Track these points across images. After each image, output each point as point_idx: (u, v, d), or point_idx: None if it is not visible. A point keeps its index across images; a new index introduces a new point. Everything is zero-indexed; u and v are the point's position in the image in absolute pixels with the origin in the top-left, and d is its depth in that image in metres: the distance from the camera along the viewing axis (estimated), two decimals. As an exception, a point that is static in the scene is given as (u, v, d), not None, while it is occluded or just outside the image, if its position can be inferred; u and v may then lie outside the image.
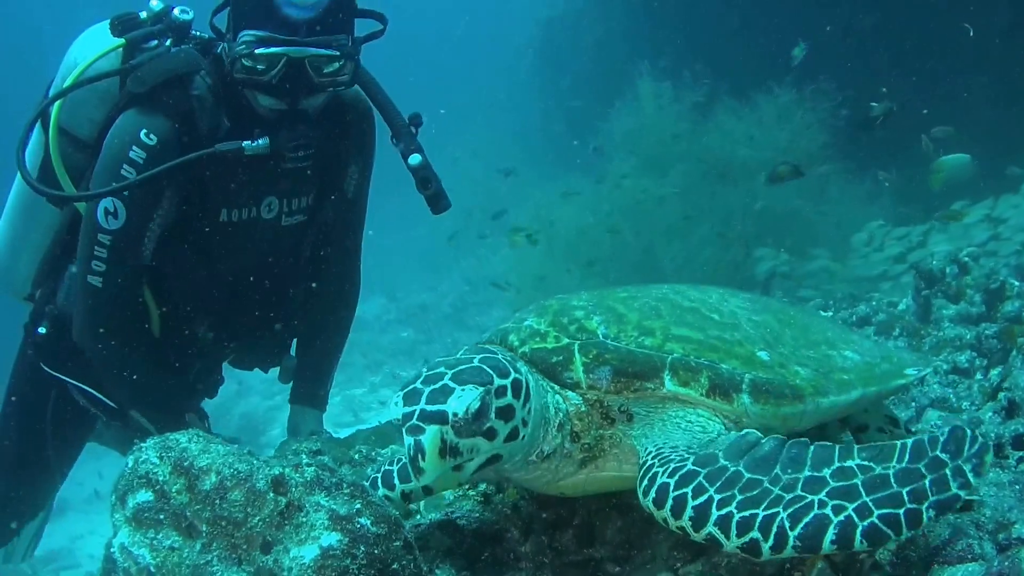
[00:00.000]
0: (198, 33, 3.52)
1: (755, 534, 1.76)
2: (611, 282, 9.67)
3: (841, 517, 1.72)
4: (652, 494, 1.91)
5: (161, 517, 1.74)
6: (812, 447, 1.88)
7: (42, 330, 3.71)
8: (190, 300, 3.65)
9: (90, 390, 3.72)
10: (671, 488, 1.88)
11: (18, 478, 4.03)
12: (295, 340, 4.18)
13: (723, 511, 1.80)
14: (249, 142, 3.22)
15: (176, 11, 3.45)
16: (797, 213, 9.47)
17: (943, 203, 8.23)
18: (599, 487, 2.28)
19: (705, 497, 1.83)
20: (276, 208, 3.59)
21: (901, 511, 1.71)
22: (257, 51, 3.10)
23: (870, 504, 1.72)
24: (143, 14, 3.48)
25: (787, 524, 1.74)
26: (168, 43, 3.42)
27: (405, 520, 2.11)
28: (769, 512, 1.77)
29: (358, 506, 1.78)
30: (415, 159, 3.46)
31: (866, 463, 1.81)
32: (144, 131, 3.24)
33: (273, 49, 3.09)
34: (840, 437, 2.71)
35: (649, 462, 2.00)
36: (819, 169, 9.36)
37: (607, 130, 12.00)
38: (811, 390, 2.19)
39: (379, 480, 2.53)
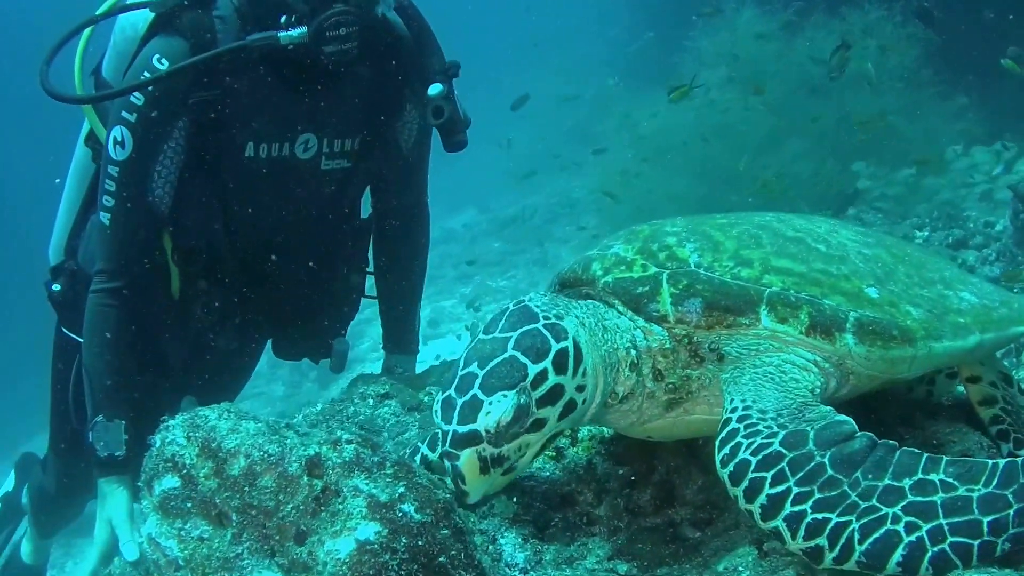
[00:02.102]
0: None
1: (822, 541, 1.59)
2: (703, 198, 9.46)
3: (912, 538, 1.54)
4: (730, 467, 1.74)
5: (189, 505, 1.59)
6: (899, 452, 1.67)
7: (56, 287, 3.53)
8: (215, 258, 3.34)
9: None
10: (751, 468, 1.71)
11: (67, 455, 3.89)
12: (347, 320, 3.87)
13: (797, 508, 1.63)
14: (284, 32, 2.93)
15: None
16: (890, 129, 8.94)
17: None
18: (688, 431, 2.11)
19: (783, 488, 1.66)
20: (314, 147, 3.28)
21: (976, 542, 1.51)
22: None
23: (945, 528, 1.53)
24: None
25: (856, 536, 1.56)
26: None
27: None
28: (842, 520, 1.59)
29: (401, 490, 1.60)
30: (435, 88, 3.18)
31: (950, 480, 1.60)
32: (157, 56, 2.99)
33: None
34: (952, 388, 2.45)
35: (734, 425, 1.81)
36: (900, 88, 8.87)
37: (696, 48, 11.62)
38: (923, 333, 1.94)
39: (424, 447, 2.39)
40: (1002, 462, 1.59)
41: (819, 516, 1.61)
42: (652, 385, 2.02)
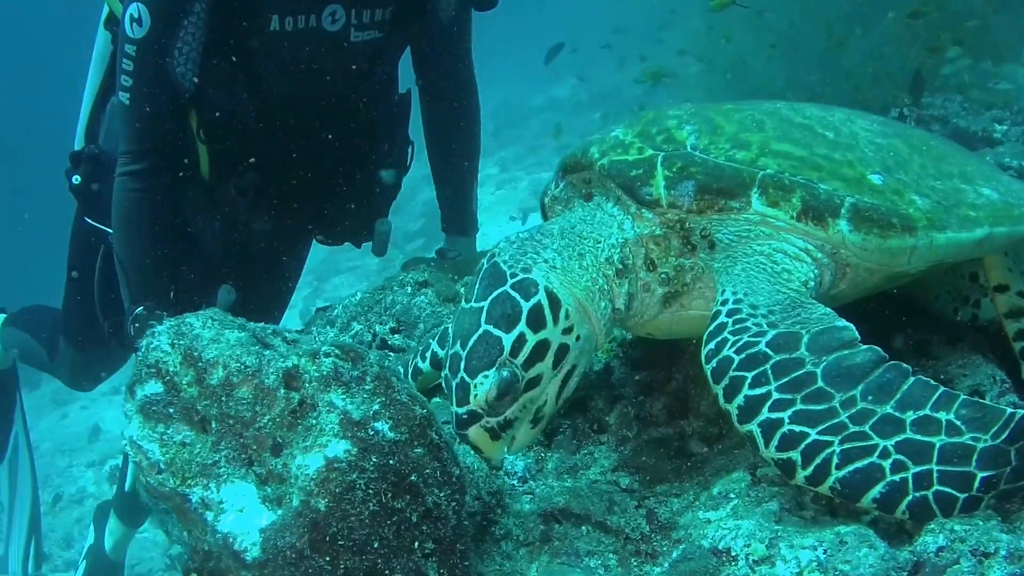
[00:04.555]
0: None
1: (795, 455, 1.53)
2: (787, 80, 9.06)
3: (895, 478, 1.46)
4: (713, 364, 1.69)
5: (171, 411, 1.61)
6: (912, 380, 1.55)
7: (76, 179, 3.45)
8: (244, 136, 3.25)
9: None
10: (733, 366, 1.65)
11: (88, 345, 3.91)
12: (389, 199, 3.75)
13: (774, 415, 1.56)
14: None
15: None
16: (983, 16, 8.28)
17: None
18: (688, 328, 2.04)
19: (762, 391, 1.59)
20: (342, 18, 3.13)
21: (963, 496, 1.44)
22: None
23: (935, 475, 1.44)
24: None
25: (835, 460, 1.49)
26: None
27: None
28: (822, 439, 1.52)
29: (376, 407, 1.58)
30: None
31: (958, 423, 1.49)
32: None
33: None
34: (969, 295, 2.31)
35: (722, 319, 1.75)
36: None
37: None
38: (925, 222, 1.82)
39: (417, 358, 2.40)
40: (1020, 413, 1.48)
41: (796, 428, 1.55)
42: (646, 276, 1.97)
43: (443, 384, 1.86)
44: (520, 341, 1.76)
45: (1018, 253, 2.17)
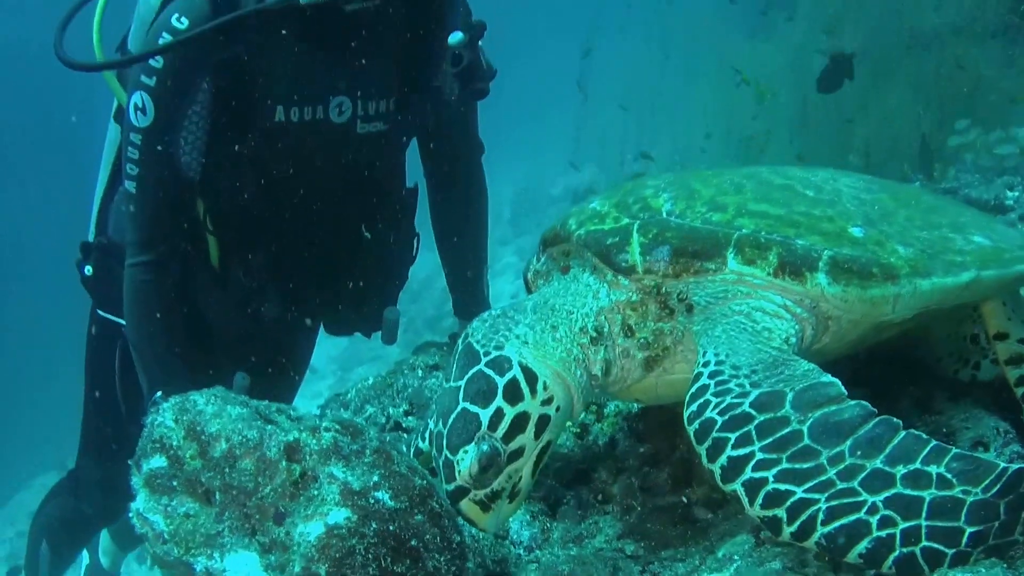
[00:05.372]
0: None
1: (780, 512, 1.52)
2: (799, 155, 9.22)
3: (882, 534, 1.44)
4: (695, 425, 1.70)
5: (175, 484, 1.65)
6: (902, 434, 1.55)
7: (88, 269, 3.47)
8: (252, 225, 3.26)
9: None
10: (716, 427, 1.65)
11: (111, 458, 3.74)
12: (397, 288, 3.75)
13: (758, 475, 1.56)
14: None
15: None
16: (987, 83, 8.41)
17: None
18: (673, 392, 2.04)
19: (746, 451, 1.59)
20: (349, 110, 3.15)
21: (952, 551, 1.42)
22: None
23: (923, 530, 1.42)
24: None
25: (821, 516, 1.48)
26: None
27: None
28: (808, 496, 1.51)
29: (376, 478, 1.63)
30: (456, 36, 3.07)
31: (949, 476, 1.48)
32: (176, 15, 2.86)
33: None
34: (970, 357, 2.32)
35: (704, 380, 1.76)
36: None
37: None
38: (907, 270, 1.83)
39: (417, 439, 2.42)
40: (1013, 468, 1.47)
41: (781, 487, 1.54)
42: (624, 342, 1.99)
43: (432, 462, 1.90)
44: (498, 415, 1.80)
45: (1017, 301, 2.18)
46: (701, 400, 1.72)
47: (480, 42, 3.20)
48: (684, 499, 2.21)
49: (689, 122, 13.62)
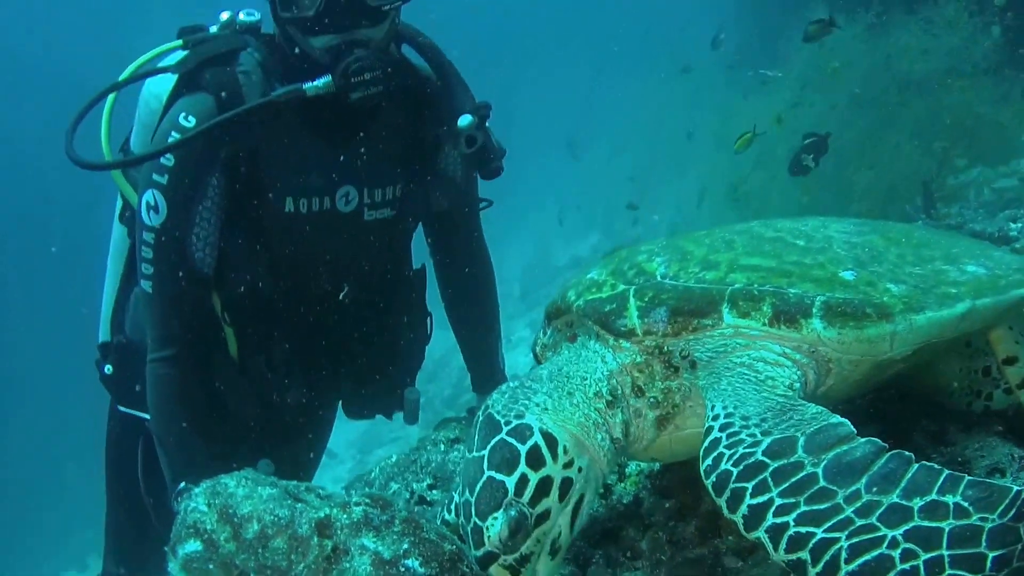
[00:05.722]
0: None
1: (804, 555, 1.54)
2: (805, 207, 9.33)
3: (906, 566, 1.46)
4: (712, 479, 1.73)
5: (210, 567, 1.70)
6: (916, 467, 1.58)
7: (108, 369, 3.51)
8: (268, 315, 3.31)
9: None
10: (732, 479, 1.68)
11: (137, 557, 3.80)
12: (414, 368, 3.78)
13: (779, 520, 1.59)
14: (309, 82, 2.91)
15: (241, 15, 3.23)
16: (983, 120, 8.55)
17: None
18: (687, 448, 2.08)
19: (765, 499, 1.62)
20: (355, 199, 3.22)
21: None
22: None
23: (946, 560, 1.44)
24: (213, 28, 3.29)
25: (844, 555, 1.50)
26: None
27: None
28: (829, 536, 1.53)
29: (406, 546, 1.67)
30: (465, 119, 3.12)
31: (966, 505, 1.50)
32: (183, 114, 2.94)
33: None
34: (982, 389, 2.34)
35: (716, 434, 1.79)
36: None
37: (782, 56, 11.50)
38: (901, 307, 1.88)
39: (444, 511, 2.42)
40: None
41: (802, 530, 1.56)
42: (635, 402, 2.03)
43: (460, 531, 1.93)
44: (523, 481, 1.83)
45: (1024, 324, 2.19)
46: (715, 453, 1.75)
47: (487, 124, 3.26)
48: (713, 550, 2.23)
49: (687, 180, 13.83)
